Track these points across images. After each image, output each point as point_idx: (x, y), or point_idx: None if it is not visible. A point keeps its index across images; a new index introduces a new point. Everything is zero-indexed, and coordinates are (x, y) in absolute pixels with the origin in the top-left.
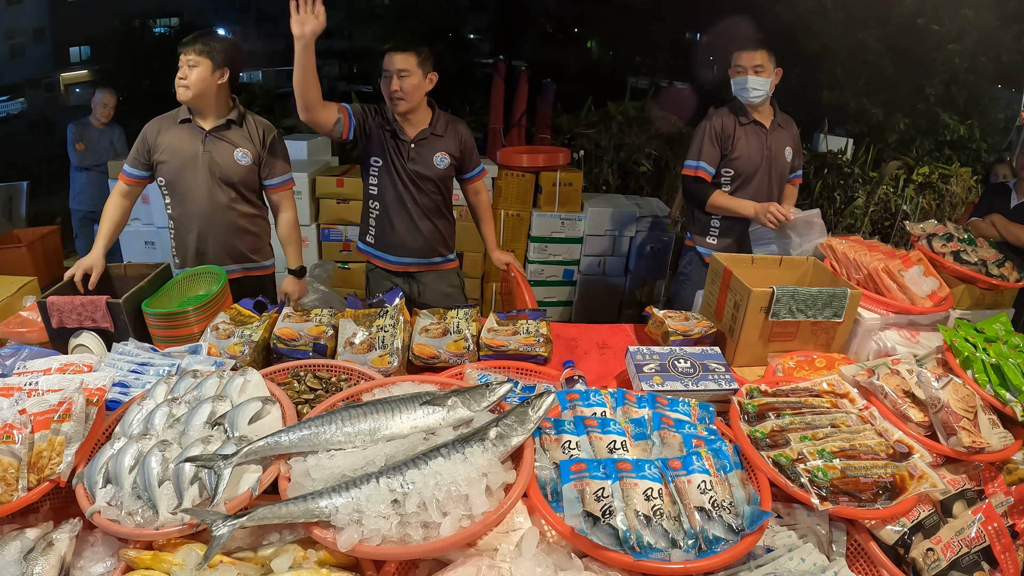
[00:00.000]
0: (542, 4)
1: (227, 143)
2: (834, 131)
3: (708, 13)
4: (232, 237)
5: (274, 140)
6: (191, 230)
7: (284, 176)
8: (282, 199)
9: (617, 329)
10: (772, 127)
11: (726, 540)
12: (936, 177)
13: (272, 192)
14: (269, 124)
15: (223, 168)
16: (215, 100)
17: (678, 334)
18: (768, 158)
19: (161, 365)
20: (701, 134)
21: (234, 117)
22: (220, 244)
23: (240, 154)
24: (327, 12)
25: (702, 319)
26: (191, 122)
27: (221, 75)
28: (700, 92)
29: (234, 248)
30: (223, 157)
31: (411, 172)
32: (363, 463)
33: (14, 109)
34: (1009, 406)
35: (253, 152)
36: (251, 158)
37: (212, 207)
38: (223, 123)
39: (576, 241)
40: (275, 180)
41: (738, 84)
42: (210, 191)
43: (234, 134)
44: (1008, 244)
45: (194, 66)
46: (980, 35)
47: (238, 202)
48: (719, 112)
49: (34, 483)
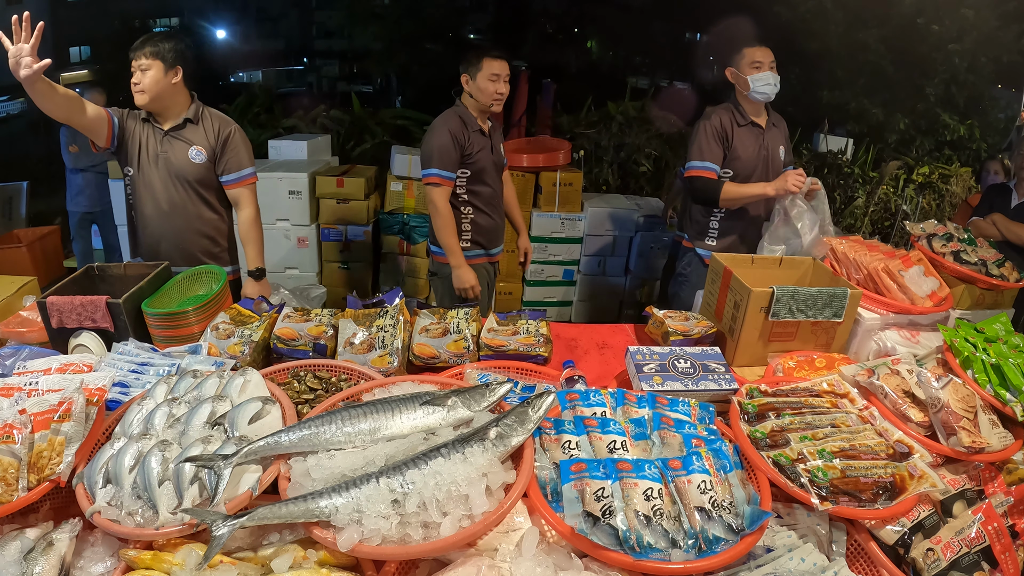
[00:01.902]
0: (542, 4)
1: (182, 142)
2: (834, 131)
3: (708, 13)
4: (187, 239)
5: (230, 135)
6: (147, 227)
7: (242, 171)
8: (240, 195)
9: (617, 329)
10: (768, 127)
11: (726, 540)
12: (936, 177)
13: (229, 188)
14: (226, 119)
15: (178, 168)
16: (172, 100)
17: (678, 334)
18: (765, 158)
19: (161, 365)
20: (702, 134)
21: (191, 115)
22: (173, 245)
23: (194, 152)
24: (328, 12)
25: (702, 319)
26: (150, 122)
27: (174, 74)
28: (700, 92)
29: (187, 251)
30: (178, 156)
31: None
32: (363, 463)
33: (14, 109)
34: (1009, 406)
35: (207, 149)
36: (205, 156)
37: (169, 207)
38: (180, 122)
39: (576, 241)
40: (231, 176)
41: (759, 80)
42: (167, 191)
43: (190, 132)
44: (1009, 244)
45: (146, 70)
46: (980, 35)
47: (196, 203)
48: (717, 111)
49: (34, 483)
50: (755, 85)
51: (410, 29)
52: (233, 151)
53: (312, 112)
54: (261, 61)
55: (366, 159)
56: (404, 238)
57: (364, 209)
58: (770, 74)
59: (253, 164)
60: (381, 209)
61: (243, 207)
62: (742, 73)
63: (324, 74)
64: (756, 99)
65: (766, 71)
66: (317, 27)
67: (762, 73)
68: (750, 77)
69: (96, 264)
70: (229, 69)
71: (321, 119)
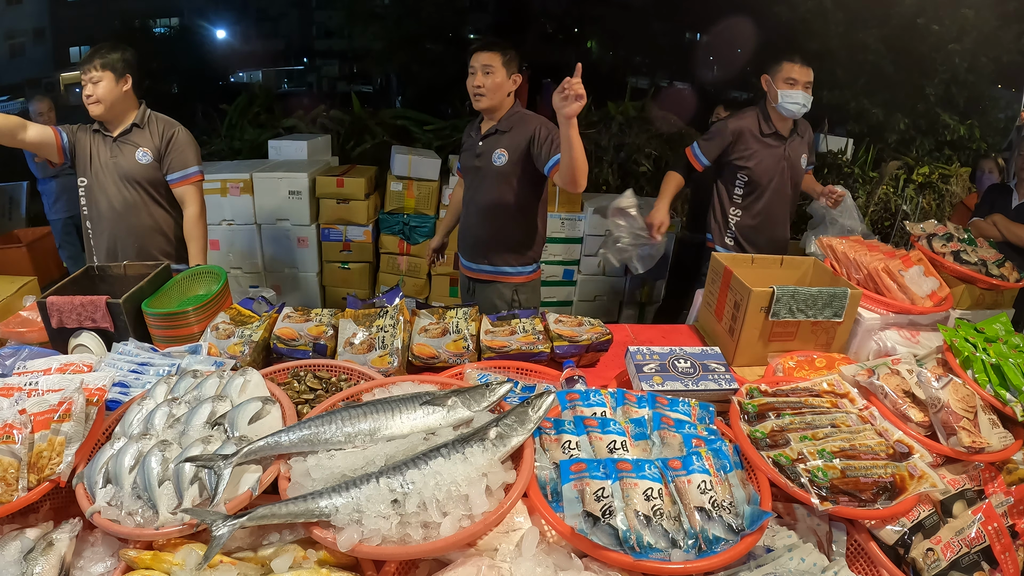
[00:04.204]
0: (542, 4)
1: (130, 145)
2: (834, 131)
3: (708, 13)
4: (142, 238)
5: (175, 136)
6: (103, 231)
7: (185, 170)
8: (186, 193)
9: (617, 329)
10: (791, 136)
11: (726, 540)
12: (936, 177)
13: (175, 187)
14: (171, 121)
15: (127, 170)
16: (122, 108)
17: (563, 339)
18: (783, 169)
19: (161, 365)
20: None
21: (137, 120)
22: (130, 245)
23: (141, 154)
24: (328, 12)
25: (596, 325)
26: (100, 131)
27: (124, 83)
28: (700, 92)
29: (144, 249)
30: (127, 159)
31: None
32: (363, 463)
33: (14, 109)
34: (1009, 406)
35: (153, 150)
36: (151, 156)
37: (122, 209)
38: (127, 127)
39: (576, 241)
40: (176, 174)
41: (788, 97)
42: (119, 193)
43: (136, 136)
44: (1009, 244)
45: (98, 81)
46: (980, 35)
47: (147, 203)
48: (744, 117)
49: (34, 483)
50: (783, 100)
51: (410, 29)
52: (177, 151)
53: (312, 112)
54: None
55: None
56: (404, 238)
57: (364, 209)
58: (801, 94)
59: (199, 163)
60: (381, 209)
61: (188, 205)
62: (775, 84)
63: (324, 74)
64: (781, 113)
65: (799, 89)
66: (317, 27)
67: (794, 91)
68: (781, 92)
69: (96, 264)
70: (229, 69)
71: (321, 119)
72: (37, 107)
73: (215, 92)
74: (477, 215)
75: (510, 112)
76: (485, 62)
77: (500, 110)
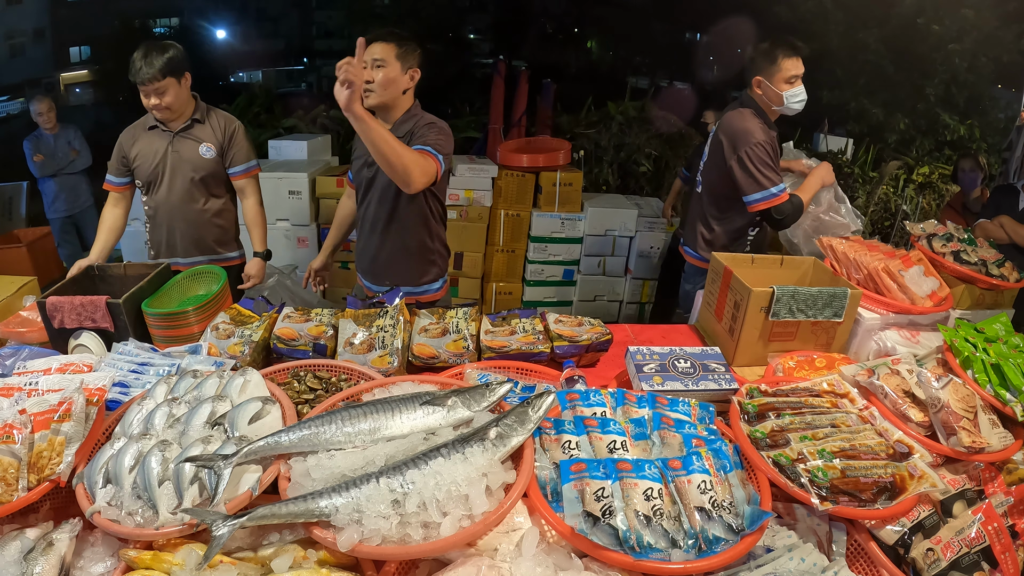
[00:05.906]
0: (542, 4)
1: (192, 140)
2: (834, 131)
3: (708, 13)
4: (199, 229)
5: (235, 131)
6: (162, 224)
7: (247, 163)
8: (246, 185)
9: (617, 329)
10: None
11: (726, 540)
12: (936, 177)
13: (236, 179)
14: (231, 117)
15: (190, 164)
16: (186, 106)
17: (563, 339)
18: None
19: (161, 365)
20: (766, 156)
21: (198, 116)
22: (187, 236)
23: (205, 148)
24: (328, 12)
25: (596, 325)
26: (157, 128)
27: (186, 81)
28: (700, 92)
29: (201, 240)
30: (189, 154)
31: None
32: (363, 463)
33: (14, 109)
34: (1009, 406)
35: (216, 145)
36: (215, 151)
37: (181, 202)
38: (188, 123)
39: (576, 241)
40: (238, 167)
41: (793, 96)
42: (179, 187)
43: (198, 131)
44: (1015, 246)
45: (163, 91)
46: (980, 35)
47: (205, 196)
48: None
49: (34, 483)
50: (789, 100)
51: (410, 29)
52: (239, 145)
53: (312, 112)
54: (261, 61)
55: None
56: None
57: None
58: (801, 88)
59: (256, 157)
60: None
61: (248, 196)
62: (775, 86)
63: (324, 74)
64: (784, 113)
65: (799, 85)
66: (317, 27)
67: (796, 88)
68: (785, 93)
69: (96, 264)
70: (229, 69)
71: (321, 119)
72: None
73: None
74: (372, 231)
75: (408, 114)
76: (377, 55)
77: (394, 110)
